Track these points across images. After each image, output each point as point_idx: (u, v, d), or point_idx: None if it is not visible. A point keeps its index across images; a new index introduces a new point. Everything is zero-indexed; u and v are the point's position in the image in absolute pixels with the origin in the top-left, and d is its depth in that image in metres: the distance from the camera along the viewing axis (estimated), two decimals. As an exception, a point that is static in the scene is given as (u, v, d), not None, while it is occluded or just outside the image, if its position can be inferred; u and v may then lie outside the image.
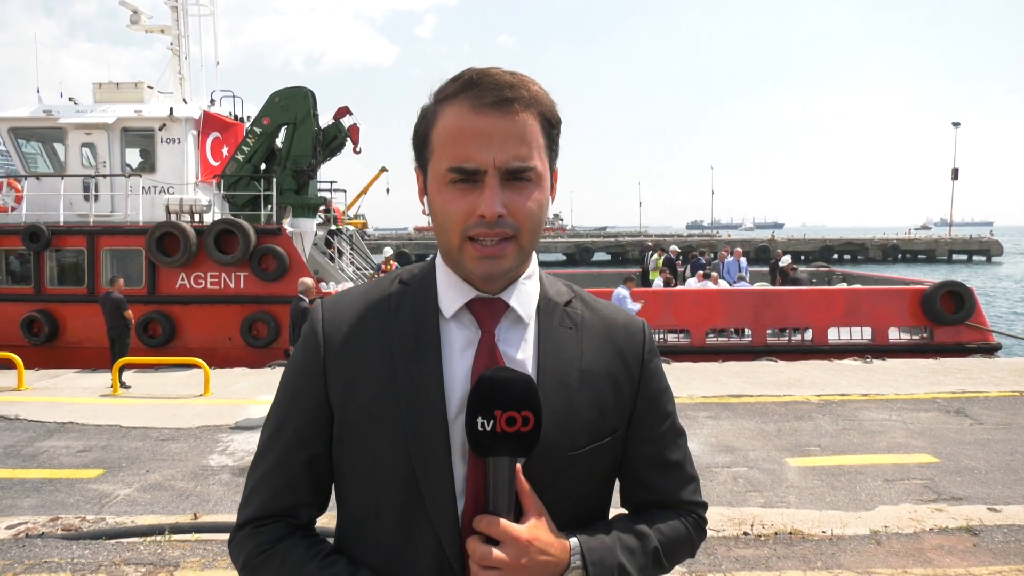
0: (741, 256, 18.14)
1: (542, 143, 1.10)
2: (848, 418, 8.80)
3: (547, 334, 1.16)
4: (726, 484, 6.52)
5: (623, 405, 1.19)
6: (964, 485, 6.46)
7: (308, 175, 15.75)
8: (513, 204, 1.07)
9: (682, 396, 9.94)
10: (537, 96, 1.09)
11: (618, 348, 1.20)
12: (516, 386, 1.02)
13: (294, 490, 1.13)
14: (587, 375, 1.16)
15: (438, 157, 1.09)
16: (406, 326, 1.13)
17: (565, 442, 1.12)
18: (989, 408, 9.27)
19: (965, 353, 14.12)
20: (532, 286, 1.18)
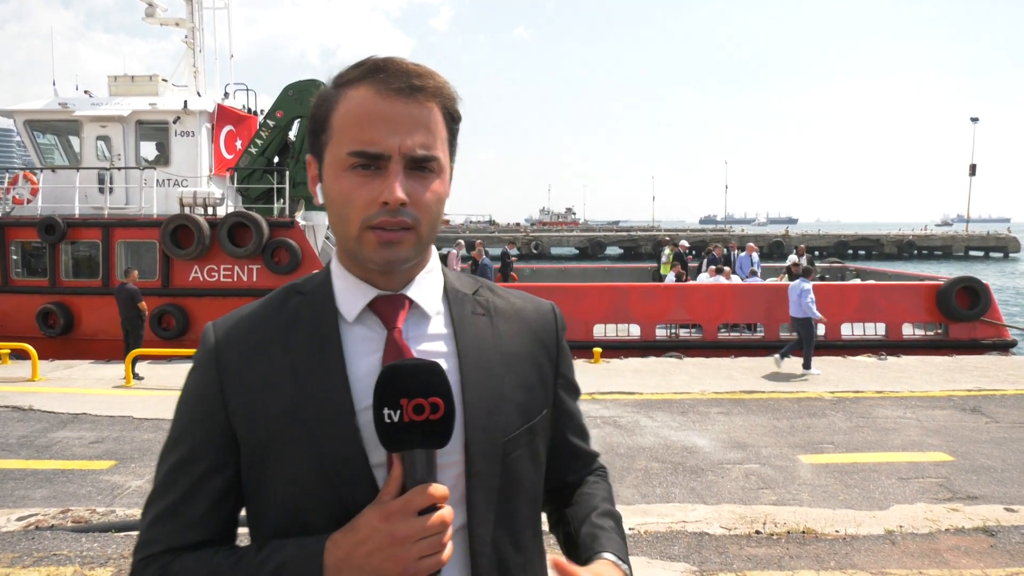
0: (754, 251, 18.01)
1: (445, 136, 1.08)
2: (862, 415, 8.69)
3: (462, 323, 1.14)
4: (738, 481, 6.45)
5: (546, 385, 1.20)
6: (980, 484, 6.37)
7: (321, 169, 15.74)
8: (415, 194, 1.03)
9: (693, 392, 9.88)
10: (443, 88, 1.07)
11: (533, 330, 1.21)
12: (422, 373, 0.97)
13: (204, 525, 1.07)
14: (509, 358, 1.15)
15: (338, 141, 1.04)
16: (306, 337, 1.08)
17: (499, 428, 1.10)
18: (1005, 406, 9.14)
19: (980, 349, 13.94)
20: (433, 279, 1.16)
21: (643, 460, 7.03)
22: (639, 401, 9.39)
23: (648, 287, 14.97)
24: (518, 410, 1.14)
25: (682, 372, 11.28)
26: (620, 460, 7.02)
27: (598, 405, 9.15)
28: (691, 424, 8.30)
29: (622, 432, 7.96)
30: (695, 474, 6.64)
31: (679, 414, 8.73)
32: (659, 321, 14.28)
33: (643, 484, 6.36)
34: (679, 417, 8.59)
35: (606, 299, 14.26)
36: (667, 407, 9.07)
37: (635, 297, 14.28)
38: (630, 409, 8.97)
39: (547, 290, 14.51)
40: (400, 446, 0.98)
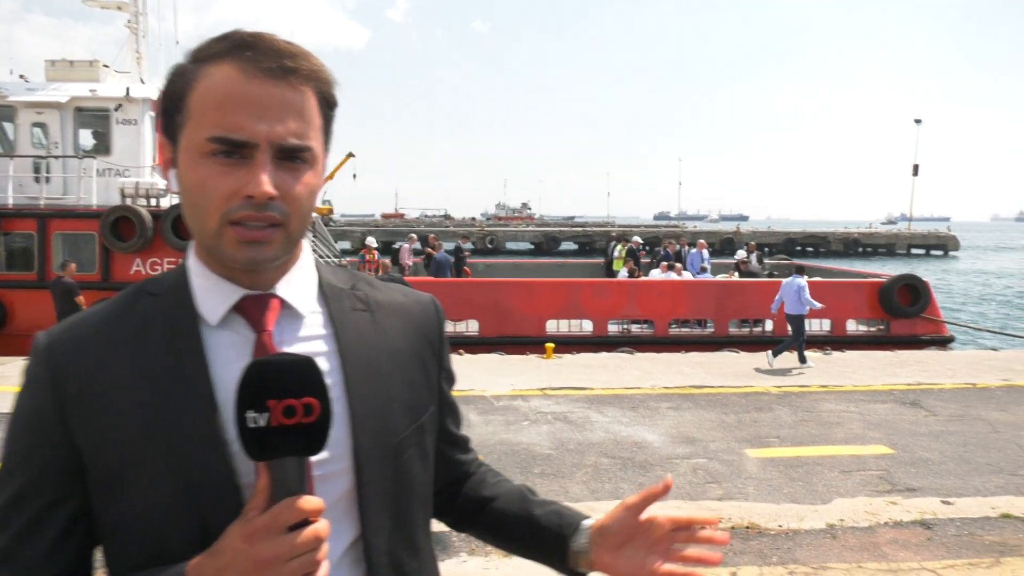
0: (704, 248, 18.23)
1: (319, 123, 0.99)
2: (807, 409, 8.85)
3: (342, 321, 1.06)
4: (686, 476, 6.50)
5: (431, 380, 1.15)
6: (918, 476, 6.53)
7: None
8: (285, 186, 0.93)
9: (644, 387, 9.94)
10: (319, 71, 0.98)
11: (416, 324, 1.15)
12: (293, 370, 0.87)
13: (47, 566, 0.95)
14: (395, 355, 1.09)
15: (196, 124, 0.94)
16: (161, 344, 0.97)
17: (389, 430, 1.04)
18: (943, 400, 9.41)
19: (920, 345, 14.37)
20: (306, 276, 1.07)
21: (593, 456, 7.03)
22: (590, 396, 9.40)
23: (601, 283, 15.05)
24: (407, 409, 1.08)
25: (633, 367, 11.35)
26: (570, 456, 7.01)
27: (549, 401, 9.13)
28: (641, 419, 8.34)
29: (573, 428, 7.95)
30: (644, 469, 6.66)
31: (629, 409, 8.77)
32: (611, 317, 14.37)
33: (592, 480, 6.35)
34: (629, 412, 8.63)
35: (559, 295, 14.29)
36: (618, 402, 9.10)
37: (588, 293, 14.33)
38: (581, 404, 8.97)
39: (500, 285, 14.47)
40: (268, 454, 0.86)
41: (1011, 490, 6.20)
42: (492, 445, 7.30)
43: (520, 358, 12.07)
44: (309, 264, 1.08)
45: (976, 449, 7.38)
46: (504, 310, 14.02)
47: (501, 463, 6.75)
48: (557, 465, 6.75)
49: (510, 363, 11.60)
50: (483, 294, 14.17)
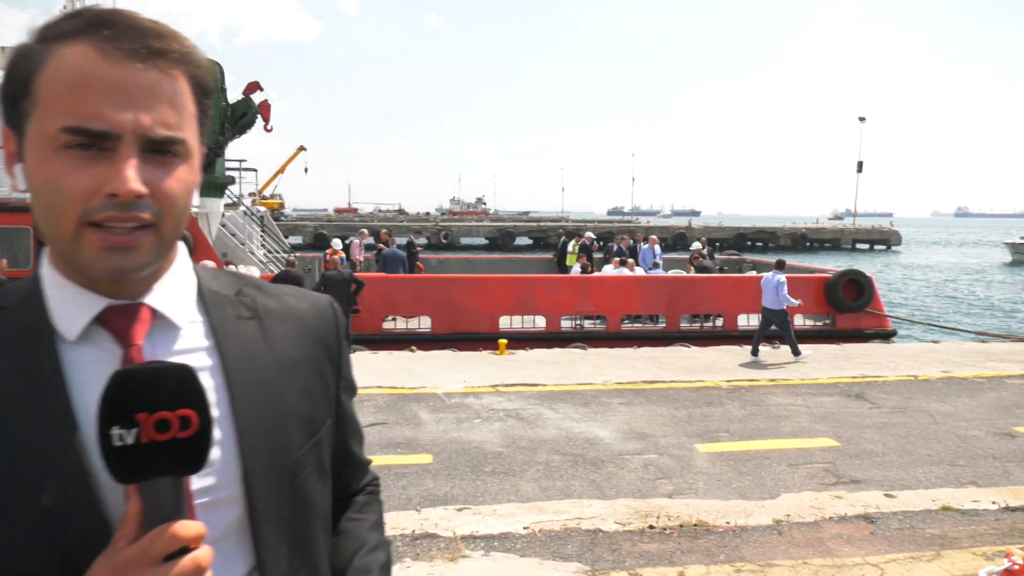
0: (656, 243, 18.36)
1: (193, 113, 0.89)
2: (756, 403, 8.96)
3: (225, 331, 0.96)
4: (636, 472, 6.49)
5: (329, 391, 1.07)
6: (863, 468, 6.65)
7: (214, 152, 14.99)
8: (156, 182, 0.83)
9: (596, 382, 9.94)
10: (190, 53, 0.88)
11: (312, 330, 1.06)
12: (167, 379, 0.77)
13: None
14: (287, 366, 1.00)
15: (46, 113, 0.83)
16: (11, 364, 0.85)
17: (283, 448, 0.95)
18: (886, 392, 9.62)
19: (865, 339, 14.71)
20: (182, 282, 0.96)
21: (544, 453, 6.98)
22: (542, 393, 9.36)
23: (554, 279, 15.01)
24: (303, 424, 0.99)
25: (586, 363, 11.35)
26: (521, 454, 6.95)
27: (501, 398, 9.06)
28: (593, 415, 8.33)
29: (524, 425, 7.89)
30: (595, 466, 6.64)
31: (582, 405, 8.75)
32: (564, 313, 14.35)
33: (544, 478, 6.30)
34: (581, 408, 8.61)
35: (512, 291, 14.22)
36: (570, 398, 9.08)
37: (541, 289, 14.29)
38: (533, 401, 8.92)
39: (453, 281, 14.33)
40: (138, 475, 0.76)
41: (951, 480, 6.36)
42: (443, 444, 7.19)
43: (473, 354, 11.98)
44: (186, 269, 0.97)
45: (917, 440, 7.55)
46: (457, 306, 13.89)
47: (452, 462, 6.66)
48: (508, 463, 6.68)
49: (463, 360, 11.50)
50: (435, 290, 14.02)
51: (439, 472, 6.41)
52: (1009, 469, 6.74)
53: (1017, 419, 8.43)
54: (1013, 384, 10.20)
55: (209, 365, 0.92)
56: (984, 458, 7.03)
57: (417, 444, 7.19)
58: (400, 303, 13.89)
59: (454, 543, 4.52)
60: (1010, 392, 9.72)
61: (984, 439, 7.65)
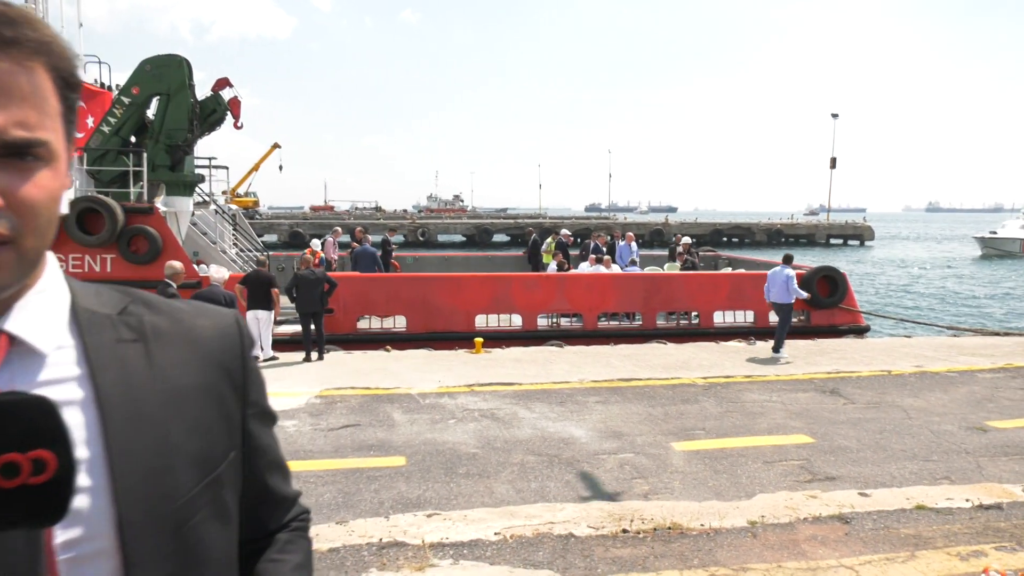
0: (632, 241, 18.29)
1: (57, 110, 0.78)
2: (732, 400, 8.93)
3: (101, 357, 0.84)
4: (612, 472, 6.42)
5: (231, 421, 0.95)
6: (837, 464, 6.63)
7: (183, 150, 14.69)
8: (12, 191, 0.73)
9: (573, 381, 9.86)
10: (51, 42, 0.77)
11: (210, 352, 0.94)
12: (17, 414, 0.66)
13: None
14: (177, 396, 0.88)
15: None
16: None
17: (166, 493, 0.83)
18: (860, 387, 9.65)
19: (839, 334, 14.77)
20: (49, 302, 0.84)
21: (520, 454, 6.88)
22: (518, 392, 9.26)
23: (530, 277, 14.90)
24: (194, 462, 0.87)
25: (562, 361, 11.28)
26: (496, 455, 6.84)
27: (477, 397, 8.95)
28: (569, 414, 8.25)
29: (500, 425, 7.79)
30: (571, 466, 6.56)
31: (557, 404, 8.67)
32: (541, 311, 14.26)
33: (518, 479, 6.20)
34: (557, 407, 8.52)
35: (488, 289, 14.09)
36: (546, 397, 8.99)
37: (517, 287, 14.18)
38: (509, 400, 8.82)
39: (428, 280, 14.18)
40: None
41: (924, 476, 6.35)
42: (417, 445, 7.07)
43: (448, 354, 11.85)
44: (56, 286, 0.85)
45: (891, 436, 7.56)
46: (432, 305, 13.75)
47: (426, 464, 6.55)
48: (483, 464, 6.58)
49: (438, 359, 11.37)
50: (410, 289, 13.85)
51: (412, 475, 6.29)
52: (981, 463, 6.76)
53: (989, 413, 8.49)
54: (984, 378, 10.28)
55: (79, 398, 0.80)
56: (957, 453, 7.05)
57: (390, 446, 7.07)
58: (375, 302, 13.72)
59: (422, 551, 4.40)
60: (981, 386, 9.79)
61: (957, 434, 7.67)
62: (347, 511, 5.48)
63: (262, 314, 11.12)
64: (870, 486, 6.06)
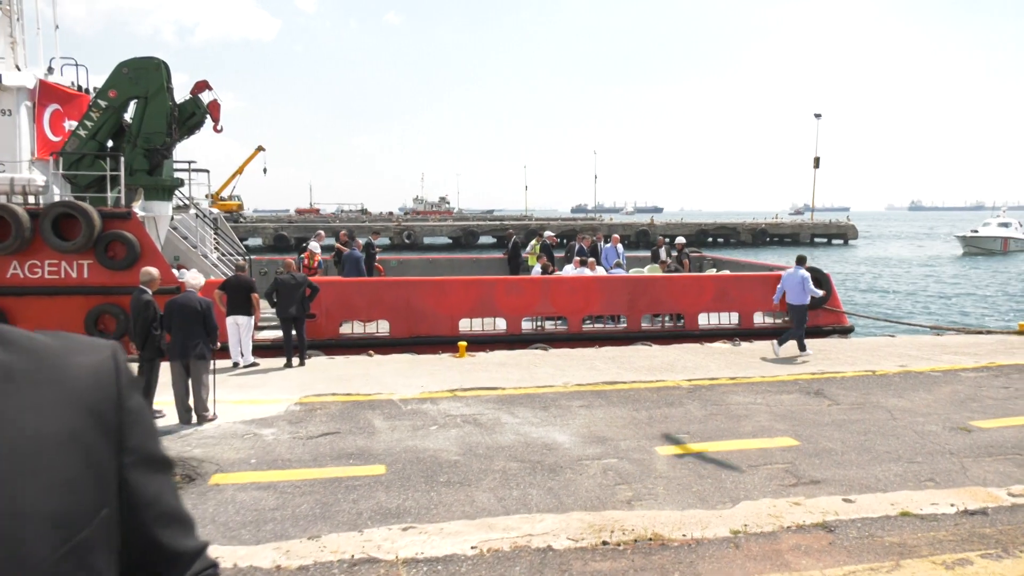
0: (618, 243, 18.17)
1: None
2: (716, 402, 8.85)
3: None
4: (595, 478, 6.32)
5: (103, 472, 0.84)
6: (822, 467, 6.57)
7: (162, 154, 14.45)
8: None
9: (557, 385, 9.76)
10: None
11: (76, 394, 0.83)
12: None
13: None
14: (29, 447, 0.77)
15: None
16: None
17: (17, 562, 0.72)
18: (845, 388, 9.61)
19: (823, 335, 14.76)
20: None
21: (502, 460, 6.77)
22: (502, 397, 9.15)
23: (514, 280, 14.75)
24: (53, 525, 0.76)
25: (547, 364, 11.17)
26: (478, 462, 6.73)
27: (459, 403, 8.82)
28: (552, 419, 8.14)
29: (482, 431, 7.67)
30: (553, 473, 6.45)
31: (541, 409, 8.56)
32: (525, 314, 14.14)
33: (500, 487, 6.09)
34: (541, 412, 8.41)
35: (472, 293, 13.97)
36: (529, 402, 8.88)
37: (501, 290, 14.06)
38: (492, 406, 8.71)
39: (411, 284, 14.03)
40: None
41: (909, 478, 6.30)
42: (397, 453, 6.95)
43: (432, 358, 11.72)
44: None
45: (876, 437, 7.51)
46: (416, 310, 13.61)
47: (406, 472, 6.42)
48: (464, 472, 6.46)
49: (421, 364, 11.23)
50: (394, 293, 13.70)
51: (392, 483, 6.17)
52: (966, 465, 6.72)
53: (972, 412, 8.46)
54: (967, 377, 10.27)
55: None
56: (941, 454, 7.01)
57: (370, 454, 6.94)
58: (358, 307, 13.55)
59: (394, 568, 4.27)
60: (965, 385, 9.78)
61: (941, 434, 7.64)
62: (324, 523, 5.35)
63: (242, 319, 10.96)
64: (855, 490, 5.99)
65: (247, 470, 6.52)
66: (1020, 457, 6.94)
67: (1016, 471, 6.55)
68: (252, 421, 8.01)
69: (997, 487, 6.00)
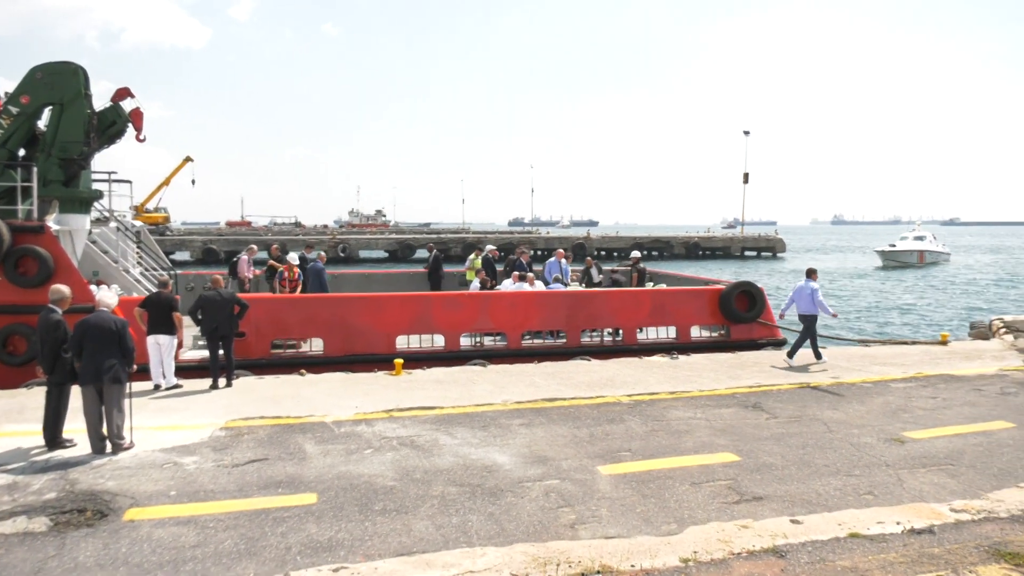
0: (563, 257, 17.94)
1: None
2: (657, 418, 8.77)
3: None
4: (537, 501, 6.11)
5: None
6: (764, 483, 6.52)
7: (79, 164, 13.65)
8: None
9: (496, 402, 9.51)
10: None
11: None
12: None
13: None
14: None
15: None
16: None
17: None
18: (781, 401, 9.66)
19: (757, 348, 14.95)
20: None
21: (440, 485, 6.48)
22: (439, 416, 8.85)
23: (452, 296, 14.45)
24: None
25: (485, 381, 10.91)
26: (415, 487, 6.42)
27: (396, 424, 8.48)
28: (492, 439, 7.90)
29: (419, 453, 7.36)
30: (494, 496, 6.21)
31: (480, 429, 8.30)
32: (463, 330, 13.86)
33: (439, 514, 5.81)
34: (480, 432, 8.15)
35: (409, 309, 13.61)
36: (468, 421, 8.61)
37: (438, 306, 13.75)
38: (429, 426, 8.40)
39: (346, 301, 13.58)
40: None
41: (849, 493, 6.29)
42: (330, 480, 6.58)
43: (367, 376, 11.31)
44: None
45: (814, 450, 7.53)
46: (351, 327, 13.15)
47: (338, 501, 6.07)
48: (401, 499, 6.15)
49: (356, 383, 10.82)
50: (328, 310, 13.22)
51: (323, 514, 5.81)
52: (902, 476, 6.77)
53: (904, 423, 8.60)
54: (897, 388, 10.49)
55: None
56: (878, 466, 7.06)
57: (300, 482, 6.55)
58: (290, 324, 13.02)
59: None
60: (895, 396, 9.97)
61: (876, 446, 7.71)
62: (249, 560, 4.97)
63: (164, 339, 10.32)
64: (798, 506, 5.94)
65: (166, 503, 6.06)
66: (952, 467, 7.05)
67: (950, 482, 6.63)
68: (173, 449, 7.50)
69: (938, 502, 6.03)
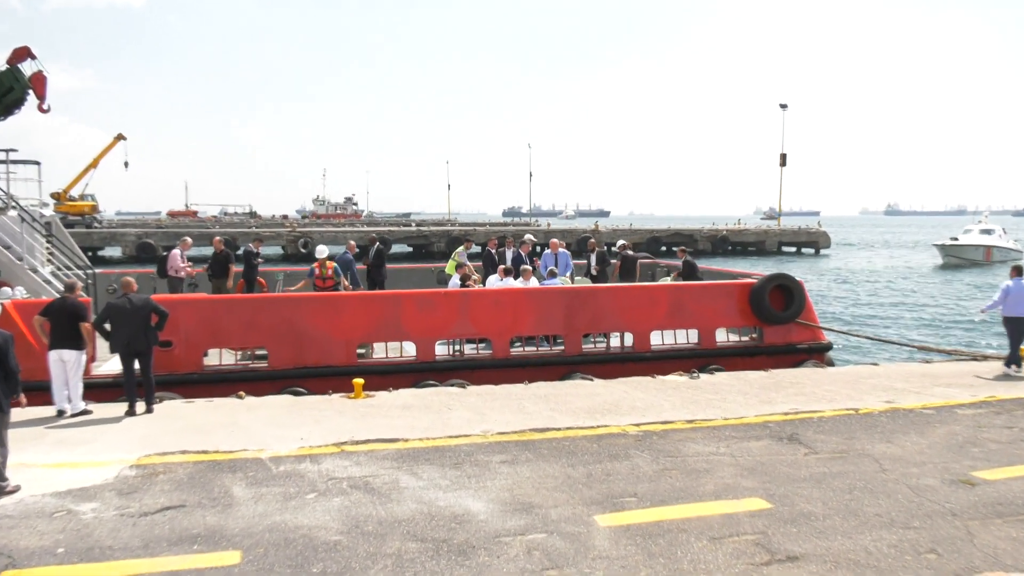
0: (559, 248, 17.64)
1: None
2: (670, 453, 8.44)
3: None
4: (517, 562, 5.79)
5: None
6: (800, 538, 6.23)
7: (-30, 140, 13.30)
8: None
9: (474, 434, 9.18)
10: None
11: None
12: None
13: None
14: None
15: None
16: None
17: None
18: (823, 431, 9.35)
19: (796, 354, 14.64)
20: None
21: (397, 540, 6.15)
22: (403, 452, 8.50)
23: (425, 295, 14.01)
24: None
25: (463, 406, 10.57)
26: (366, 542, 6.09)
27: (347, 461, 8.14)
28: (466, 480, 7.56)
29: (375, 499, 7.02)
30: (463, 556, 5.88)
31: (452, 467, 7.96)
32: (439, 336, 13.50)
33: (392, 579, 5.48)
34: (451, 471, 7.82)
35: (373, 311, 13.24)
36: (438, 457, 8.27)
37: (409, 307, 13.37)
38: (390, 464, 8.06)
39: (295, 301, 13.20)
40: None
41: (907, 551, 5.99)
42: (259, 533, 6.24)
43: (319, 400, 10.96)
44: None
45: (863, 496, 7.22)
46: (301, 333, 12.76)
47: (267, 561, 5.74)
48: (346, 558, 5.82)
49: (304, 408, 10.46)
50: (274, 313, 12.81)
51: (247, 579, 5.47)
52: (972, 530, 6.46)
53: (974, 460, 8.28)
54: (965, 415, 10.17)
55: None
56: (942, 516, 6.75)
57: (222, 536, 6.22)
58: (228, 331, 12.63)
59: None
60: (962, 426, 9.65)
61: (940, 489, 7.40)
62: (143, 643, 4.61)
63: (69, 355, 9.92)
64: (843, 568, 5.64)
65: (51, 564, 5.73)
66: (1035, 518, 6.73)
67: (1033, 537, 6.31)
68: (68, 492, 7.16)
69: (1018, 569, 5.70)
